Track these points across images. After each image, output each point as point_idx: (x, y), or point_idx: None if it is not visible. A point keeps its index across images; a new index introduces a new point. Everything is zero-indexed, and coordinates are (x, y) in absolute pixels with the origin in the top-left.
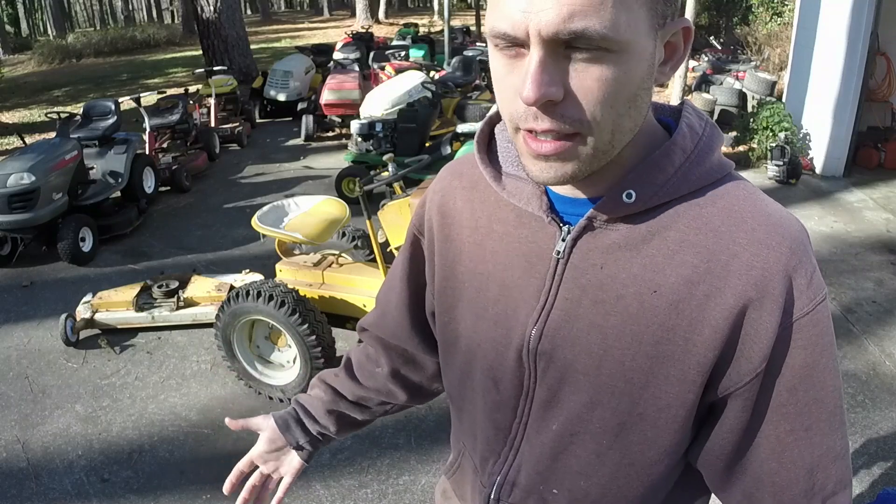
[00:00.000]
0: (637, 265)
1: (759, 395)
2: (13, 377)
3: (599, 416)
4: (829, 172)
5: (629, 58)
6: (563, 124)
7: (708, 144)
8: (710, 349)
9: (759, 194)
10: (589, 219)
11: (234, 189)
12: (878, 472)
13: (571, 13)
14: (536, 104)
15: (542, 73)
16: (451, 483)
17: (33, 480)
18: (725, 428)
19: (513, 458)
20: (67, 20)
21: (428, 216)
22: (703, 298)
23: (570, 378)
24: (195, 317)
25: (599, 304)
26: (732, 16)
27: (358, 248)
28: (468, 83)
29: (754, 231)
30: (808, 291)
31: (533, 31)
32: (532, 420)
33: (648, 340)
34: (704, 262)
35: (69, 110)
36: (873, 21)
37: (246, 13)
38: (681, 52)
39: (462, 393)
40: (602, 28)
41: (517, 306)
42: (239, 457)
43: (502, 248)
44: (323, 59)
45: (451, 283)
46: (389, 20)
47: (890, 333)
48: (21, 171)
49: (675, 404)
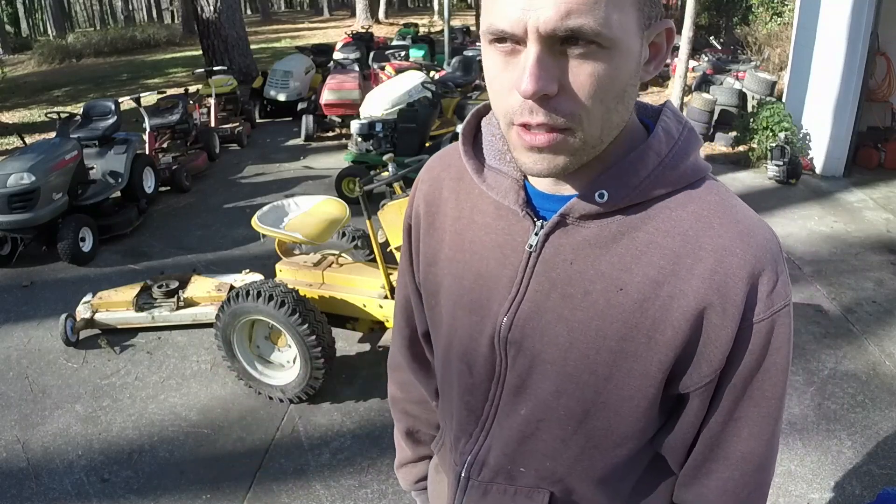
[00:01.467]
0: (605, 263)
1: (714, 394)
2: (13, 377)
3: (565, 403)
4: (829, 172)
5: (619, 55)
6: (556, 118)
7: (683, 149)
8: (671, 349)
9: (731, 200)
10: (562, 215)
11: (234, 189)
12: (878, 472)
13: (568, 11)
14: (534, 98)
15: (540, 68)
16: (438, 457)
17: (33, 480)
18: (686, 422)
19: (483, 439)
20: (67, 20)
21: (416, 204)
22: (666, 299)
23: (537, 367)
24: (195, 317)
25: (567, 299)
26: (732, 16)
27: (358, 248)
28: (468, 83)
29: (720, 237)
30: (766, 299)
31: (531, 27)
32: (503, 404)
33: (612, 336)
34: (670, 264)
35: (69, 110)
36: (873, 21)
37: (246, 13)
38: (664, 52)
39: (443, 375)
40: (597, 25)
41: (490, 295)
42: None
43: (480, 238)
44: (323, 59)
45: (433, 269)
46: (389, 20)
47: (890, 333)
48: (21, 171)
49: (637, 396)
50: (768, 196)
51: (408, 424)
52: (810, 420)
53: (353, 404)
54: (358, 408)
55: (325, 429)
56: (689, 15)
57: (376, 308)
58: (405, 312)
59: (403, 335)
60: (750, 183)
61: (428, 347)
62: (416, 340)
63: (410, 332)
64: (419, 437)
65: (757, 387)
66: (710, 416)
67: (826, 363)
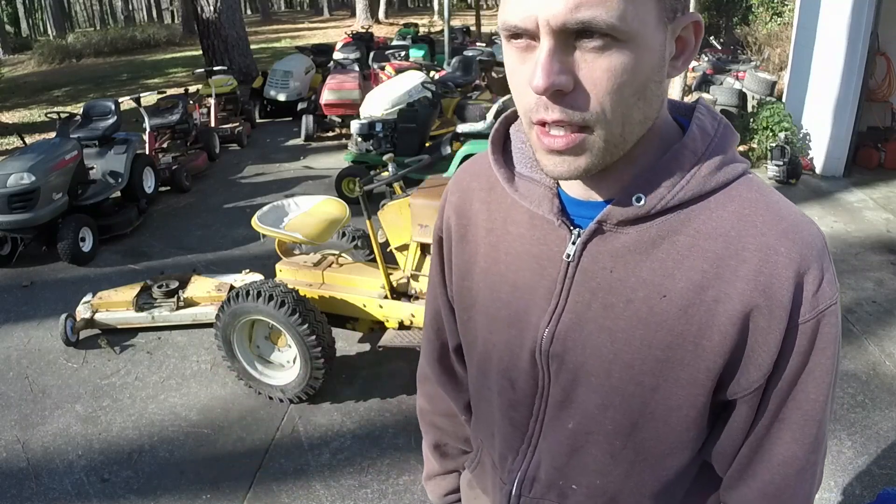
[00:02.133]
0: (646, 269)
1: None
2: (13, 377)
3: (612, 416)
4: (829, 172)
5: (637, 48)
6: (572, 114)
7: (720, 146)
8: (720, 354)
9: (772, 196)
10: (599, 222)
11: (234, 189)
12: (878, 472)
13: (578, 3)
14: (546, 93)
15: (552, 62)
16: (474, 476)
17: (33, 480)
18: (734, 428)
19: (531, 455)
20: (67, 20)
21: (447, 216)
22: (711, 304)
23: (582, 380)
24: (195, 317)
25: (609, 308)
26: (732, 16)
27: (358, 248)
28: (468, 83)
29: (764, 236)
30: (812, 299)
31: (542, 21)
32: (548, 418)
33: (658, 345)
34: (714, 267)
35: (69, 110)
36: (873, 21)
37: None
38: (692, 47)
39: (480, 391)
40: (609, 18)
41: (529, 308)
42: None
43: (515, 249)
44: (323, 59)
45: (467, 283)
46: (389, 20)
47: (890, 333)
48: (21, 171)
49: (686, 405)
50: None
51: (436, 437)
52: None
53: (353, 404)
54: (358, 408)
55: (325, 429)
56: None
57: (376, 308)
58: (435, 325)
59: (433, 348)
60: None
61: (459, 361)
62: (445, 354)
63: (440, 345)
64: (447, 450)
65: (801, 389)
66: (756, 420)
67: None
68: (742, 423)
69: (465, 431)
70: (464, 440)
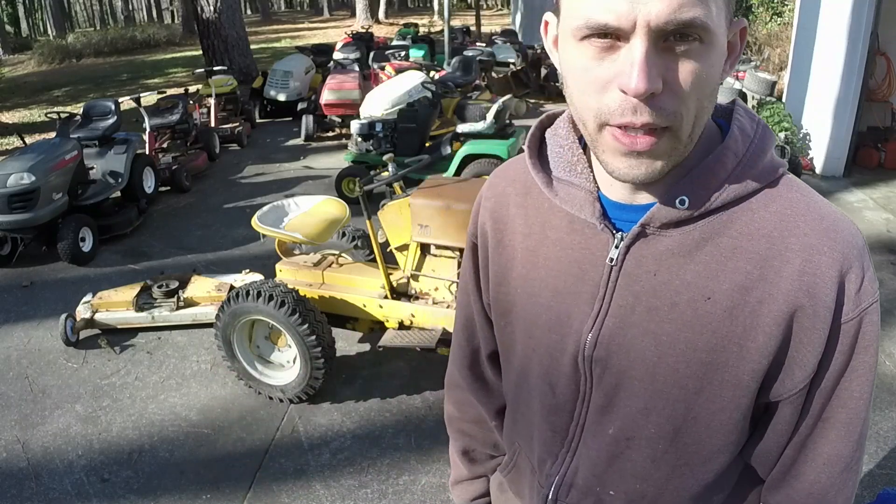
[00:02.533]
0: (690, 272)
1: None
2: (13, 377)
3: (654, 421)
4: (829, 172)
5: (714, 51)
6: (660, 117)
7: (760, 147)
8: (765, 356)
9: (812, 196)
10: (642, 225)
11: (234, 189)
12: (878, 472)
13: (681, 4)
14: (643, 96)
15: (649, 65)
16: (507, 480)
17: (33, 480)
18: (777, 430)
19: (570, 460)
20: (67, 20)
21: (482, 222)
22: (756, 305)
23: (625, 384)
24: (195, 317)
25: (653, 312)
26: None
27: (358, 248)
28: (468, 83)
29: (807, 236)
30: (855, 297)
31: (641, 21)
32: (589, 424)
33: (703, 347)
34: (757, 268)
35: (69, 110)
36: (873, 21)
37: (246, 13)
38: (738, 51)
39: (518, 395)
40: (705, 18)
41: (571, 313)
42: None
43: (555, 254)
44: (323, 59)
45: (504, 288)
46: (389, 20)
47: (890, 333)
48: (21, 171)
49: (730, 408)
50: None
51: (464, 444)
52: None
53: (353, 404)
54: (358, 408)
55: (325, 429)
56: None
57: (376, 308)
58: (467, 331)
59: (464, 354)
60: None
61: (492, 367)
62: (477, 360)
63: (472, 351)
64: (475, 455)
65: (845, 387)
66: (800, 421)
67: None
68: (786, 424)
69: (493, 437)
70: (492, 446)
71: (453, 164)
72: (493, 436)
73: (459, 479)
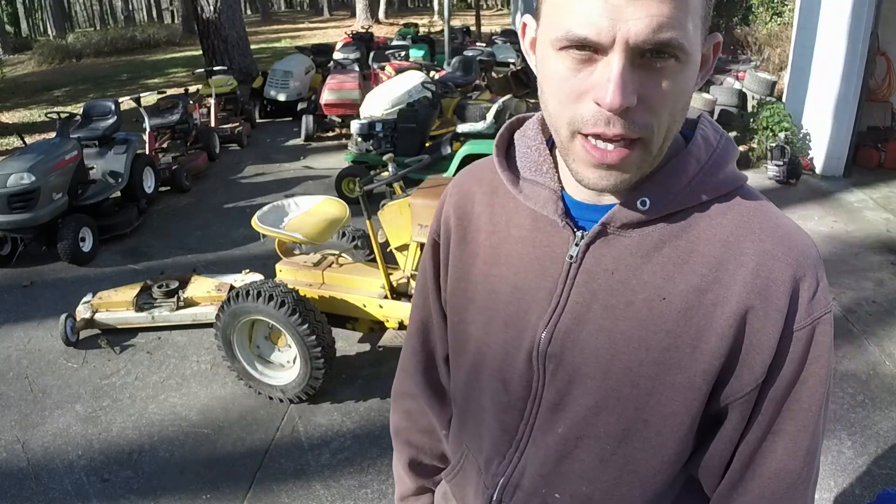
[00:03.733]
0: (648, 272)
1: (753, 407)
2: (13, 377)
3: (605, 420)
4: (829, 172)
5: (690, 67)
6: (632, 129)
7: (722, 156)
8: (716, 357)
9: (769, 206)
10: (603, 224)
11: (234, 189)
12: (878, 472)
13: (660, 24)
14: (619, 110)
15: (625, 80)
16: (452, 486)
17: (33, 480)
18: (724, 438)
19: (517, 460)
20: (67, 20)
21: (445, 219)
22: (710, 307)
23: (577, 381)
24: (195, 317)
25: (609, 309)
26: (732, 16)
27: (358, 248)
28: (468, 83)
29: (762, 241)
30: (808, 306)
31: (620, 38)
32: (539, 422)
33: (656, 347)
34: (713, 271)
35: (69, 110)
36: (873, 21)
37: (246, 13)
38: (710, 64)
39: (469, 394)
40: (682, 39)
41: (529, 309)
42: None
43: (517, 251)
44: (323, 59)
45: (463, 284)
46: (389, 20)
47: (890, 333)
48: (21, 171)
49: (681, 412)
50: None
51: (411, 455)
52: None
53: (353, 404)
54: (358, 408)
55: (325, 429)
56: None
57: (376, 308)
58: (421, 335)
59: (418, 359)
60: (750, 183)
61: (447, 372)
62: (432, 365)
63: (426, 356)
64: (422, 468)
65: (795, 398)
66: (748, 431)
67: None
68: (731, 432)
69: (441, 447)
70: (439, 457)
71: (453, 164)
72: (441, 446)
73: (405, 494)
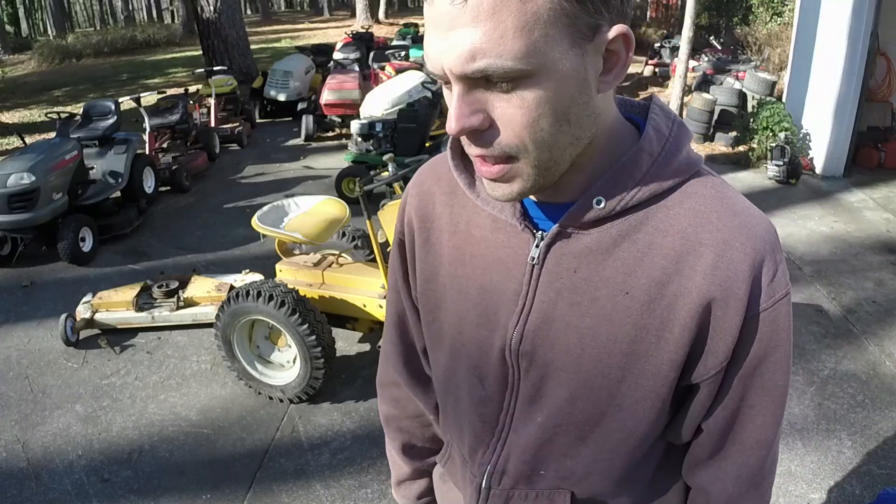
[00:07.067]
0: (609, 268)
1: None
2: (13, 377)
3: (581, 407)
4: (829, 172)
5: (549, 79)
6: (492, 149)
7: (675, 145)
8: (681, 346)
9: (726, 192)
10: (561, 225)
11: (234, 189)
12: (878, 472)
13: (473, 53)
14: (459, 135)
15: (462, 106)
16: (445, 470)
17: (33, 480)
18: (695, 410)
19: (500, 448)
20: (67, 20)
21: (408, 219)
22: (672, 298)
23: (551, 375)
24: (195, 317)
25: (575, 307)
26: (732, 16)
27: (358, 248)
28: None
29: (720, 231)
30: (768, 288)
31: (447, 70)
32: (518, 413)
33: (623, 339)
34: (673, 263)
35: (69, 110)
36: (873, 21)
37: (246, 13)
38: (623, 59)
39: (447, 389)
40: (504, 63)
41: (497, 309)
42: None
43: (481, 252)
44: (323, 59)
45: (432, 286)
46: (389, 20)
47: (890, 333)
48: (21, 171)
49: (651, 396)
50: (768, 196)
51: (404, 440)
52: (810, 420)
53: (353, 404)
54: (358, 408)
55: (325, 429)
56: (689, 15)
57: (376, 308)
58: (399, 329)
59: (398, 351)
60: (750, 183)
61: (426, 362)
62: (412, 356)
63: (406, 348)
64: (416, 451)
65: (768, 376)
66: (721, 402)
67: (826, 363)
68: (703, 402)
69: (432, 431)
70: (431, 439)
71: None
72: (431, 429)
73: (402, 478)
